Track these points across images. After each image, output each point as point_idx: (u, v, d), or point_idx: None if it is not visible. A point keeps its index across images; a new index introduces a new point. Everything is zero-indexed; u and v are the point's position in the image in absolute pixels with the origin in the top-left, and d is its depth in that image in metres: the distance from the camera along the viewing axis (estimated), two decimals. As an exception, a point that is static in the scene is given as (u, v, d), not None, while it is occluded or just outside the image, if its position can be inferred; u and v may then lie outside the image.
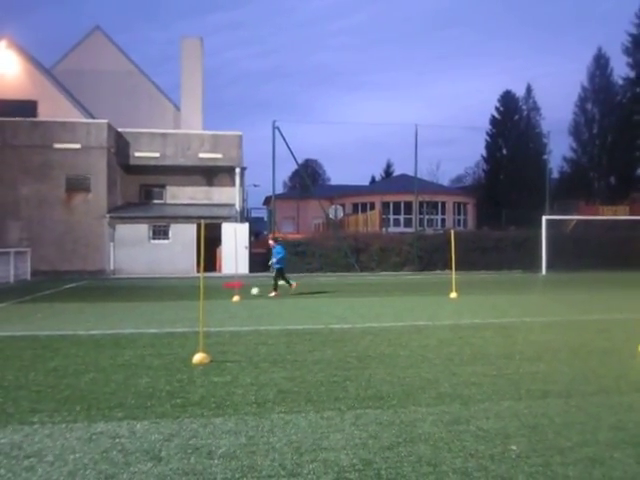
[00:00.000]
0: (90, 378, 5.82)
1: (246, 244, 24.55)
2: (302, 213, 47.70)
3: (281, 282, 14.96)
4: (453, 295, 13.95)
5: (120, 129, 25.77)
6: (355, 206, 43.24)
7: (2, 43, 26.52)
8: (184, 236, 24.52)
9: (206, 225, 7.47)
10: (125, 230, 24.33)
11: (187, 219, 24.54)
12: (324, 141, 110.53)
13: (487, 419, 4.45)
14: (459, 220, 43.09)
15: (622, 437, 4.05)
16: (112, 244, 24.19)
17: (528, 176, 42.47)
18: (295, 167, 56.48)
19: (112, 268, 24.07)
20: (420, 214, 34.60)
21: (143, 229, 24.57)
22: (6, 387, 5.49)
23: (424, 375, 5.85)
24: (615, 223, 27.86)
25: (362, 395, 5.13)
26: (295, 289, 15.02)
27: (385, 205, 40.44)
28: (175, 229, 24.77)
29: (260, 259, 23.92)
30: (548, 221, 24.87)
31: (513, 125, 50.97)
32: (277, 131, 25.39)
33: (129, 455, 3.75)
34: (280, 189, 63.56)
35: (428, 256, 25.80)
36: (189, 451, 3.81)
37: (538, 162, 42.59)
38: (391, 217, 40.01)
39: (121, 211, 25.08)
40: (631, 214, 30.14)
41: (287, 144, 25.47)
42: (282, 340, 7.95)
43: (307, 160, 74.14)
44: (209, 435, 4.13)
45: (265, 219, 48.25)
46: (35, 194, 23.72)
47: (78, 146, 24.05)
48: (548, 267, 23.88)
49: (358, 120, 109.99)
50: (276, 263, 15.01)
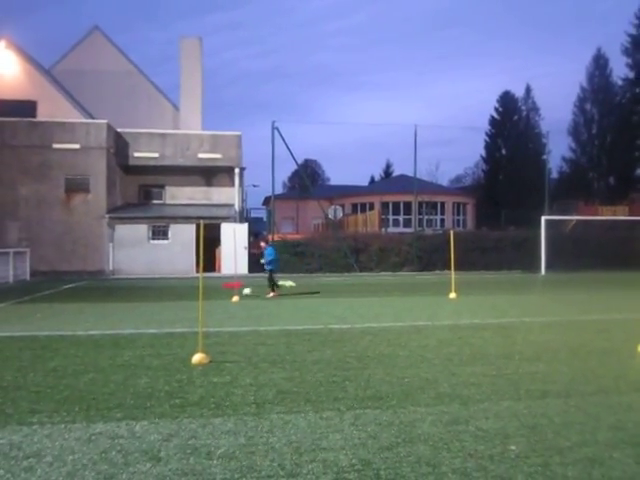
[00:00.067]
0: (89, 378, 5.81)
1: (245, 244, 24.56)
2: (301, 213, 47.69)
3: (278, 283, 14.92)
4: (452, 295, 13.96)
5: (119, 129, 25.76)
6: (354, 206, 43.25)
7: (1, 43, 26.50)
8: (183, 236, 24.52)
9: (205, 225, 7.46)
10: (124, 230, 24.32)
11: (186, 219, 24.53)
12: (323, 141, 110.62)
13: (486, 419, 4.45)
14: (458, 220, 43.11)
15: (621, 437, 4.06)
16: (111, 244, 24.18)
17: (527, 176, 42.45)
18: (294, 167, 56.55)
19: (111, 268, 24.06)
20: (419, 214, 34.63)
21: (142, 229, 24.56)
22: (5, 387, 5.48)
23: (423, 375, 5.85)
24: (614, 223, 27.87)
25: (361, 395, 5.13)
26: (274, 296, 14.39)
27: (384, 205, 40.44)
28: (174, 229, 24.76)
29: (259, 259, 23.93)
30: (547, 221, 24.89)
31: (512, 125, 51.01)
32: (276, 131, 25.42)
33: (128, 455, 3.75)
34: (279, 189, 63.58)
35: (427, 256, 25.81)
36: (188, 451, 3.81)
37: (537, 162, 42.60)
38: (390, 217, 40.04)
39: (120, 211, 25.08)
40: (630, 214, 30.15)
41: (286, 144, 25.52)
42: (281, 340, 7.95)
43: (306, 160, 74.11)
44: (208, 435, 4.13)
45: (264, 219, 48.19)
46: (34, 194, 23.71)
47: (77, 146, 24.05)
48: (547, 267, 23.89)
49: (358, 120, 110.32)
50: (267, 264, 15.00)
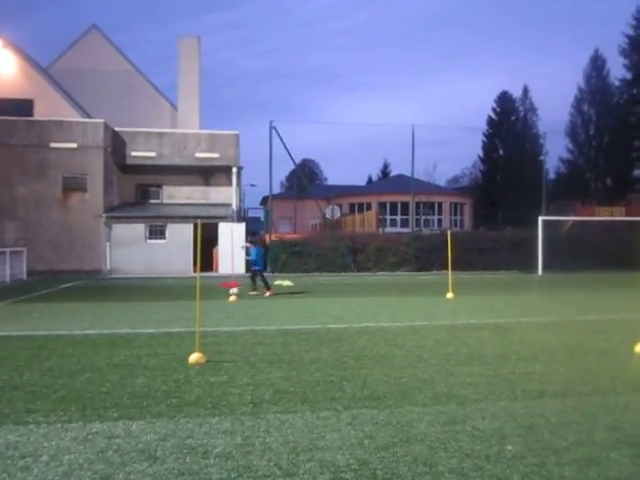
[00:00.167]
0: (86, 378, 5.80)
1: (243, 244, 24.47)
2: (299, 213, 47.64)
3: (264, 282, 14.83)
4: (450, 295, 13.97)
5: (117, 128, 25.70)
6: (352, 206, 43.26)
7: (-1, 42, 26.45)
8: (181, 236, 24.48)
9: (203, 225, 7.46)
10: (122, 230, 24.28)
11: (184, 219, 24.50)
12: (321, 141, 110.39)
13: (483, 419, 4.46)
14: (456, 220, 43.16)
15: (618, 437, 4.06)
16: (108, 244, 24.13)
17: (525, 177, 42.57)
18: (292, 167, 56.40)
19: (108, 268, 24.02)
20: (417, 214, 34.66)
21: (140, 229, 24.52)
22: (1, 387, 5.47)
23: (420, 375, 5.86)
24: (611, 224, 27.96)
25: (358, 395, 5.13)
26: (253, 295, 14.43)
27: (382, 205, 40.45)
28: (172, 229, 24.73)
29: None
30: (544, 222, 24.94)
31: (510, 126, 51.16)
32: (274, 131, 25.36)
33: (125, 455, 3.74)
34: (277, 189, 63.49)
35: (425, 256, 25.81)
36: (185, 451, 3.80)
37: (534, 163, 42.69)
38: (388, 217, 40.10)
39: (118, 211, 25.03)
40: (627, 215, 30.21)
41: (284, 144, 25.47)
42: (278, 340, 7.95)
43: (304, 160, 74.04)
44: (205, 435, 4.12)
45: (262, 219, 48.15)
46: (31, 194, 23.63)
47: (75, 145, 23.98)
48: (544, 267, 23.94)
49: (355, 120, 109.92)
50: (254, 265, 15.02)
